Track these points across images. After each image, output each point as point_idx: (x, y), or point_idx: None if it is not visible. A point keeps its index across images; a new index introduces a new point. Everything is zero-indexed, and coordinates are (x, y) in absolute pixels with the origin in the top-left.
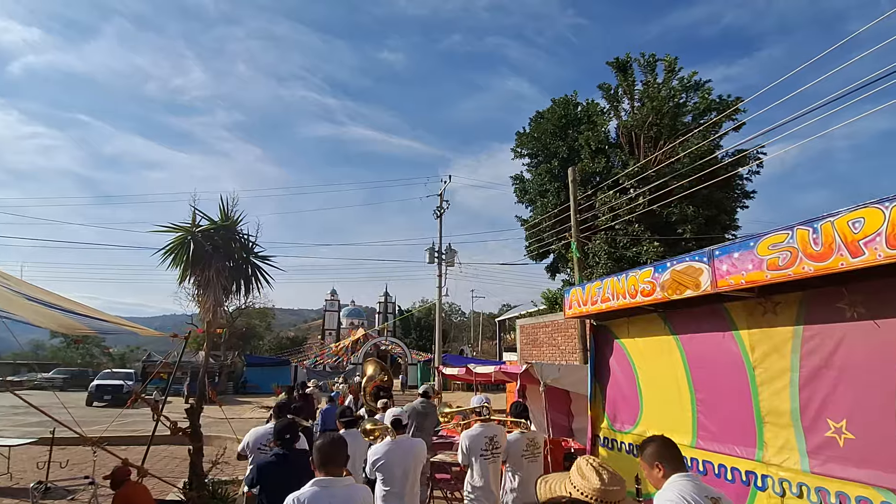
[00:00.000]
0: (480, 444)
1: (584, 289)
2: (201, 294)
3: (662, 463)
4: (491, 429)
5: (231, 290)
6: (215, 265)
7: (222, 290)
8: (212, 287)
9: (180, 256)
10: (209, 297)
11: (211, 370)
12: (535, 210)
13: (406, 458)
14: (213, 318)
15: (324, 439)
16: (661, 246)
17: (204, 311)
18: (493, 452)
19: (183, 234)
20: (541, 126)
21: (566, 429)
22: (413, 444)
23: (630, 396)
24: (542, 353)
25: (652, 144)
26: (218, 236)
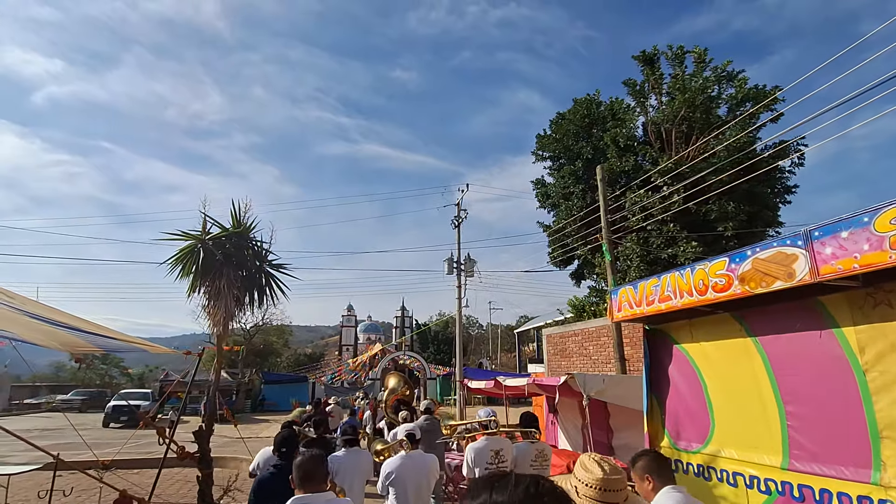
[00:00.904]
0: (486, 458)
1: (637, 288)
2: (212, 306)
3: (653, 476)
4: (497, 442)
5: (244, 302)
6: (226, 275)
7: (234, 302)
8: (223, 298)
9: (189, 266)
10: (220, 309)
11: (228, 388)
12: (559, 214)
13: (418, 474)
14: (225, 330)
15: (302, 457)
16: (700, 245)
17: (215, 324)
18: (498, 466)
19: (192, 243)
20: (562, 127)
21: (605, 445)
22: (426, 460)
23: (697, 410)
24: (571, 363)
25: (683, 140)
26: (230, 244)
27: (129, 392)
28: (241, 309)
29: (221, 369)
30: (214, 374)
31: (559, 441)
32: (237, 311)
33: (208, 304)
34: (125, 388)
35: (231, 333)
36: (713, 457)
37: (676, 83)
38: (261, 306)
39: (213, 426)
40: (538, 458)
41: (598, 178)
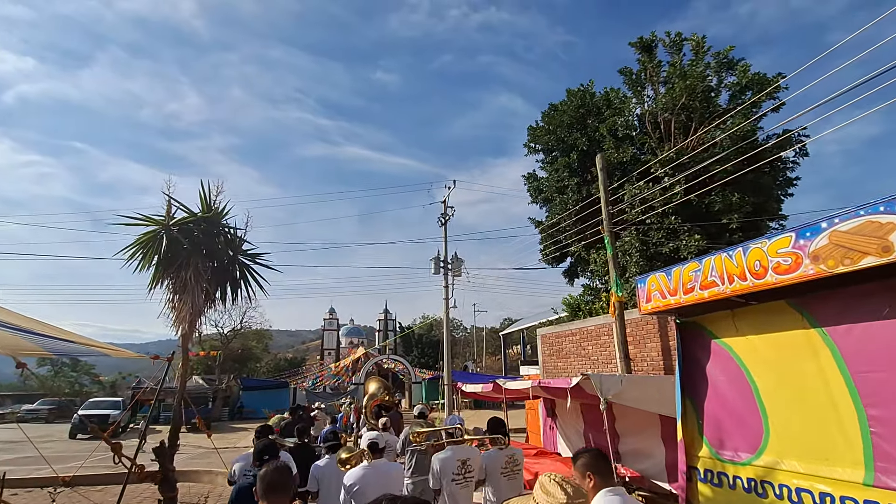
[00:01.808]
0: (452, 468)
1: (671, 275)
2: (177, 300)
3: (594, 474)
4: (464, 451)
5: (214, 296)
6: (194, 265)
7: (203, 296)
8: (189, 291)
9: (150, 255)
10: (186, 305)
11: (204, 395)
12: (552, 209)
13: (381, 484)
14: (191, 329)
15: (267, 467)
16: (703, 238)
17: (179, 321)
18: (465, 477)
19: (155, 229)
20: (555, 119)
21: (612, 451)
22: (390, 469)
23: (745, 414)
24: (568, 364)
25: (682, 130)
26: (198, 231)
27: (98, 400)
28: (211, 305)
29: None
30: (179, 381)
31: (559, 447)
32: (207, 306)
33: (173, 298)
34: (96, 397)
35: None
36: (769, 469)
37: (675, 70)
38: (235, 302)
39: (177, 441)
40: (508, 465)
41: (598, 167)
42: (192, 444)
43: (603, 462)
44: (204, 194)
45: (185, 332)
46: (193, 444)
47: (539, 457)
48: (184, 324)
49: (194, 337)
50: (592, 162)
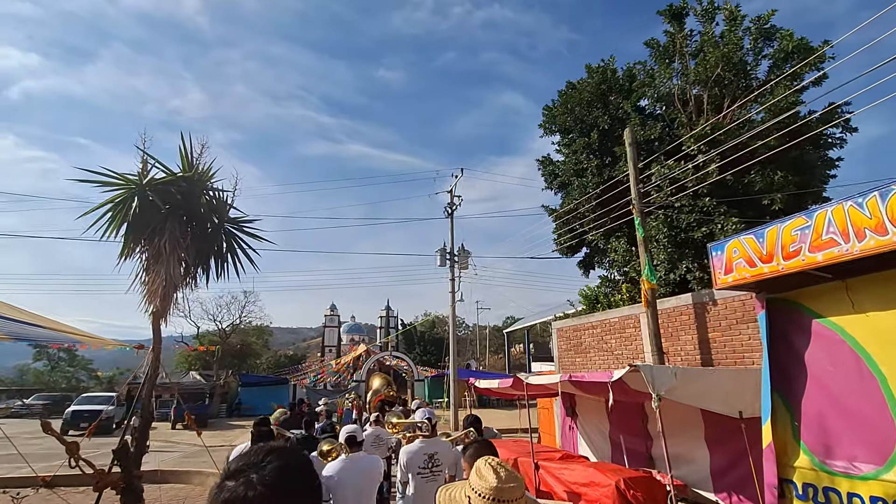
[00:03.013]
0: (418, 462)
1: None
2: (150, 271)
3: None
4: (432, 445)
5: (194, 269)
6: (170, 231)
7: (181, 267)
8: (163, 261)
9: (119, 219)
10: (159, 276)
11: (201, 391)
12: (569, 194)
13: (360, 477)
14: (164, 305)
15: None
16: (741, 222)
17: (151, 296)
18: (432, 471)
19: (126, 190)
20: (574, 97)
21: (643, 456)
22: (369, 462)
23: (867, 413)
24: (588, 359)
25: (714, 107)
26: (177, 192)
27: (91, 396)
28: (190, 278)
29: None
30: (150, 370)
31: (579, 449)
32: (185, 280)
33: (145, 267)
34: (92, 392)
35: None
36: None
37: (708, 39)
38: (220, 277)
39: (146, 440)
40: None
41: (627, 142)
42: (188, 442)
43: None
44: (185, 151)
45: (156, 309)
46: (189, 442)
47: (566, 461)
48: (155, 299)
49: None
50: (614, 142)
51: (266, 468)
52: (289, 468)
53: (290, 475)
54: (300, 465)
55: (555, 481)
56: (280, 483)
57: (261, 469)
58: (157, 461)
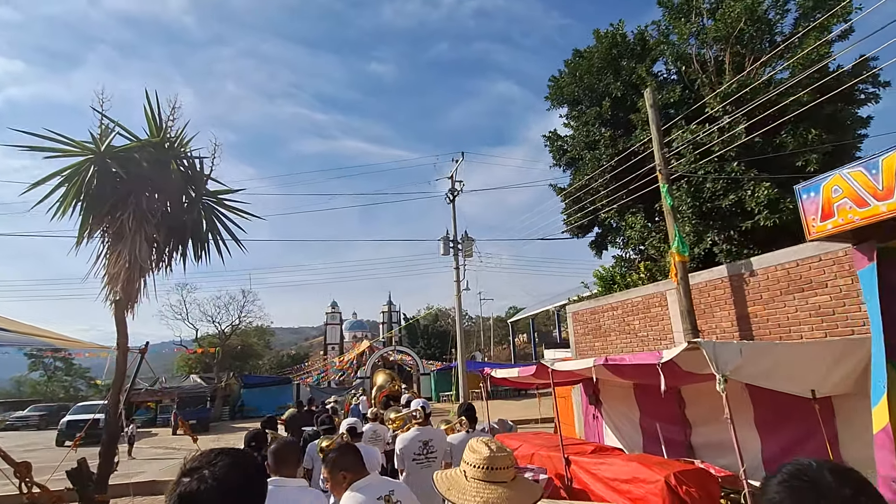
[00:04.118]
0: (413, 449)
1: (878, 166)
2: (111, 253)
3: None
4: (427, 433)
5: (168, 249)
6: (135, 206)
7: (148, 247)
8: (127, 240)
9: (73, 194)
10: (122, 257)
11: (201, 394)
12: (581, 169)
13: None
14: (128, 293)
15: (277, 444)
16: (773, 186)
17: (111, 281)
18: (427, 457)
19: (82, 161)
20: (582, 65)
21: (682, 445)
22: (366, 453)
23: None
24: (608, 343)
25: (735, 65)
26: (144, 160)
27: (87, 405)
28: (161, 261)
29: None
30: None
31: (605, 439)
32: (155, 263)
33: (107, 249)
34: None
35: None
36: None
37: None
38: (198, 259)
39: (113, 458)
40: None
41: (648, 104)
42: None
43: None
44: (152, 112)
45: (119, 297)
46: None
47: (601, 455)
48: (117, 285)
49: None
50: (628, 110)
51: (217, 465)
52: (237, 466)
53: (238, 472)
54: (247, 465)
55: (590, 478)
56: (228, 478)
57: (212, 466)
58: (157, 469)
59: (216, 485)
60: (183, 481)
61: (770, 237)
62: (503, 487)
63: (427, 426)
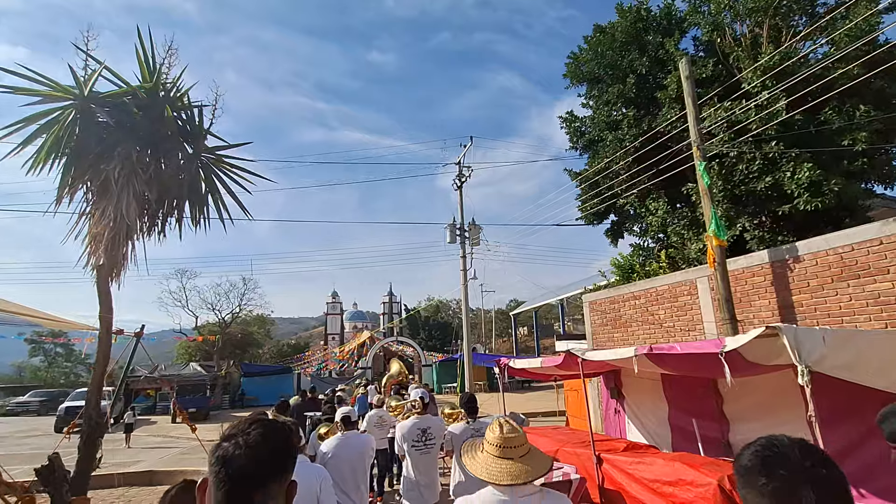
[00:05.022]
0: (412, 436)
1: None
2: (94, 212)
3: None
4: (425, 421)
5: (161, 210)
6: (123, 157)
7: (137, 205)
8: (112, 196)
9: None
10: (106, 215)
11: (201, 382)
12: (600, 151)
13: (353, 453)
14: (112, 257)
15: None
16: (815, 167)
17: (94, 243)
18: (425, 444)
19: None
20: (604, 41)
21: (718, 442)
22: (361, 440)
23: None
24: (629, 333)
25: (772, 39)
26: (135, 108)
27: (85, 391)
28: (154, 224)
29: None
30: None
31: (628, 435)
32: (146, 225)
33: (90, 206)
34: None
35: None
36: None
37: None
38: (196, 223)
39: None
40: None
41: (683, 76)
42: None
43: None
44: (144, 54)
45: (102, 262)
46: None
47: (636, 454)
48: (99, 248)
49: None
50: (654, 88)
51: (251, 433)
52: (268, 432)
53: (269, 438)
54: (277, 431)
55: (626, 478)
56: (261, 443)
57: (246, 434)
58: (155, 459)
59: (248, 450)
60: (222, 445)
61: (807, 223)
62: (510, 462)
63: (426, 415)
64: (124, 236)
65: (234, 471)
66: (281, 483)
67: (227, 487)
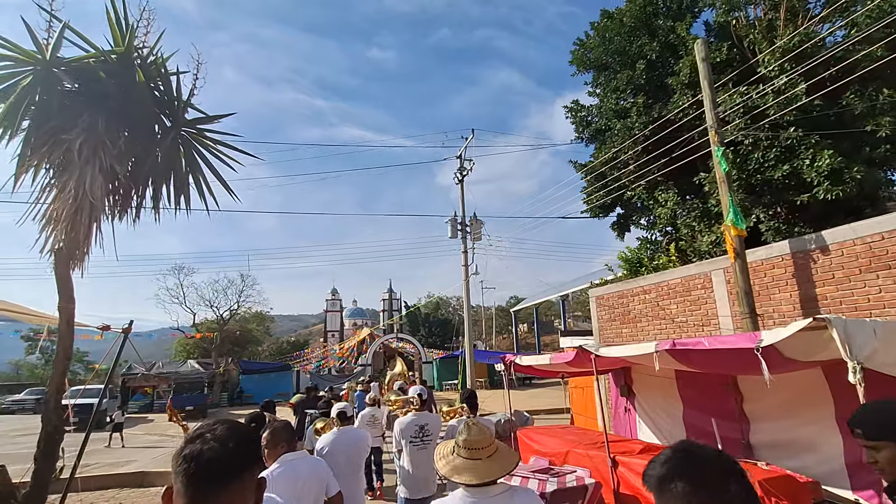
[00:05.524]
0: (410, 432)
1: None
2: (57, 189)
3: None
4: (423, 417)
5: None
6: (88, 127)
7: (104, 181)
8: (74, 170)
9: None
10: (66, 190)
11: (199, 379)
12: (608, 141)
13: (349, 448)
14: (73, 234)
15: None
16: (836, 154)
17: (52, 223)
18: (423, 440)
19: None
20: (611, 27)
21: (738, 443)
22: (357, 435)
23: None
24: (638, 329)
25: (788, 21)
26: (106, 76)
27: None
28: (127, 204)
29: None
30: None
31: (639, 434)
32: (118, 204)
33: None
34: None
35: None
36: None
37: None
38: (176, 205)
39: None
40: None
41: (699, 57)
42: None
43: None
44: (116, 15)
45: (60, 244)
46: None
47: (652, 456)
48: (58, 228)
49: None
50: (665, 74)
51: (217, 430)
52: (234, 427)
53: (236, 431)
54: (243, 427)
55: None
56: (229, 437)
57: (212, 431)
58: (149, 459)
59: (217, 445)
60: (188, 445)
61: (825, 213)
62: (477, 462)
63: (423, 411)
64: (87, 215)
65: (205, 464)
66: (253, 473)
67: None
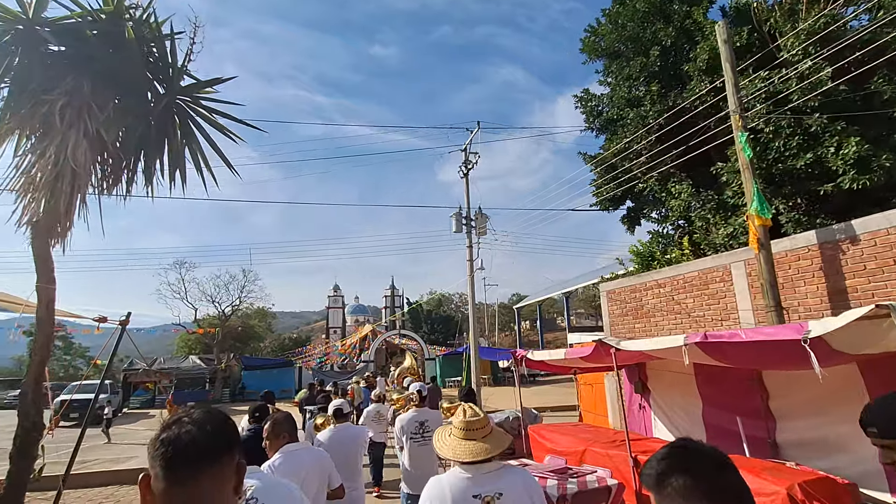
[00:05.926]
0: (411, 428)
1: None
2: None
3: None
4: (424, 414)
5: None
6: (72, 90)
7: (91, 148)
8: (56, 136)
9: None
10: (45, 157)
11: (201, 375)
12: (620, 131)
13: (346, 445)
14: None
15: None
16: (864, 141)
17: (31, 191)
18: (423, 436)
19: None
20: (624, 13)
21: (764, 442)
22: (354, 432)
23: None
24: (652, 324)
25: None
26: (94, 37)
27: (83, 383)
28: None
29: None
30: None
31: (654, 433)
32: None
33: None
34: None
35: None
36: None
37: None
38: (171, 179)
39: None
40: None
41: (721, 39)
42: None
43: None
44: None
45: (37, 217)
46: None
47: None
48: (36, 198)
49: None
50: (680, 61)
51: (193, 414)
52: (211, 415)
53: (213, 415)
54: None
55: None
56: (207, 420)
57: (189, 415)
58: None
59: (195, 428)
60: (165, 431)
61: (848, 204)
62: (473, 442)
63: (423, 408)
64: (69, 183)
65: (183, 448)
66: (231, 457)
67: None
